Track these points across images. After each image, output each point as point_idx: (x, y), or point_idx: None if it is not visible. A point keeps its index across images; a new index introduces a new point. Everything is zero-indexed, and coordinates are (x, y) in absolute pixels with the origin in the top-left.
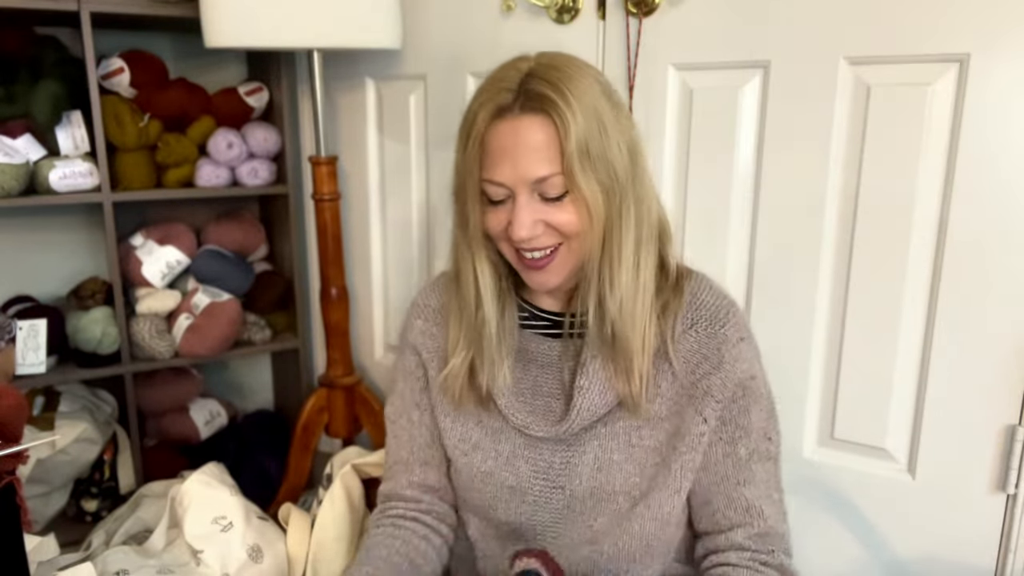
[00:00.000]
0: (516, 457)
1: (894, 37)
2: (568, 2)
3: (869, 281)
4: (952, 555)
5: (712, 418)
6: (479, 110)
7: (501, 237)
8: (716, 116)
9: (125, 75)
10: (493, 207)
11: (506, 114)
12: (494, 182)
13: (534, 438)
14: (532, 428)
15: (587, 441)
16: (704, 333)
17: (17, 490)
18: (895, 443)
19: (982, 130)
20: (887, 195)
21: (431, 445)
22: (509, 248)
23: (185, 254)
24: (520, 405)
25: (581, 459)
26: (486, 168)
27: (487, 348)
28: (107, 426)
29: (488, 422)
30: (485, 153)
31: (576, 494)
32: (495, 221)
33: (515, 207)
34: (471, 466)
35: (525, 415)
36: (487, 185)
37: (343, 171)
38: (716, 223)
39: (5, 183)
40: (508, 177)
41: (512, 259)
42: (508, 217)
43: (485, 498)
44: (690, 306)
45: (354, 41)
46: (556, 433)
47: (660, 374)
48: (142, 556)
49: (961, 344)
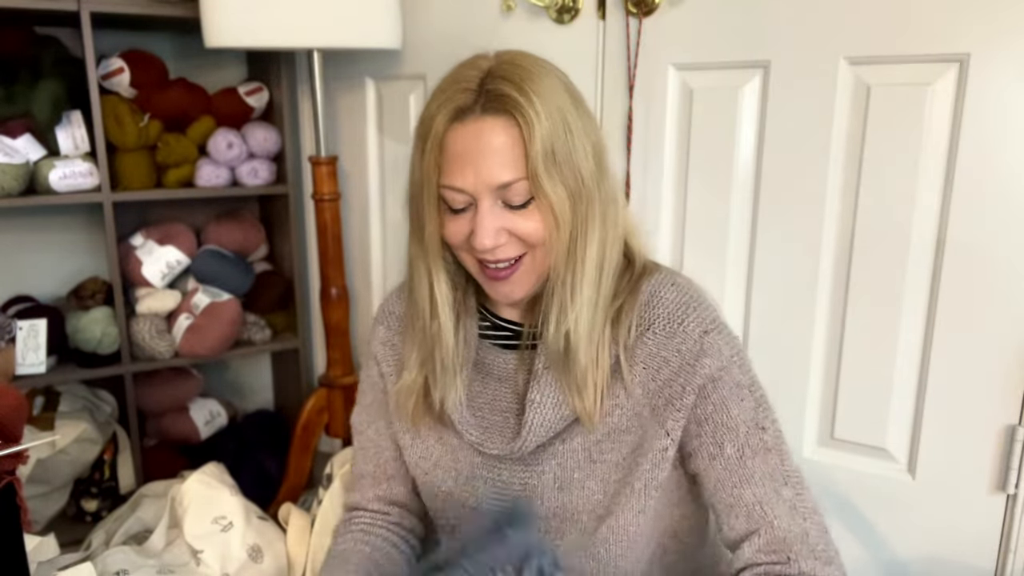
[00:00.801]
0: (474, 478)
1: (894, 37)
2: (568, 2)
3: (869, 281)
4: (952, 555)
5: (676, 430)
6: (437, 112)
7: (462, 247)
8: (716, 116)
9: (125, 75)
10: (453, 215)
11: (466, 116)
12: (454, 188)
13: (491, 456)
14: (487, 446)
15: (545, 460)
16: (662, 334)
17: (17, 490)
18: (895, 443)
19: (982, 130)
20: (887, 195)
21: (397, 459)
22: (470, 258)
23: (185, 254)
24: (475, 421)
25: (540, 479)
26: (445, 174)
27: (440, 362)
28: (107, 426)
29: (448, 439)
30: (444, 158)
31: (539, 515)
32: (455, 230)
33: (477, 215)
34: (432, 485)
35: (479, 432)
36: (447, 192)
37: (343, 171)
38: (716, 223)
39: (5, 183)
40: (470, 183)
41: (474, 270)
42: (470, 226)
43: (448, 518)
44: (647, 307)
45: (354, 41)
46: (511, 451)
47: (616, 384)
48: (142, 556)
49: (961, 344)
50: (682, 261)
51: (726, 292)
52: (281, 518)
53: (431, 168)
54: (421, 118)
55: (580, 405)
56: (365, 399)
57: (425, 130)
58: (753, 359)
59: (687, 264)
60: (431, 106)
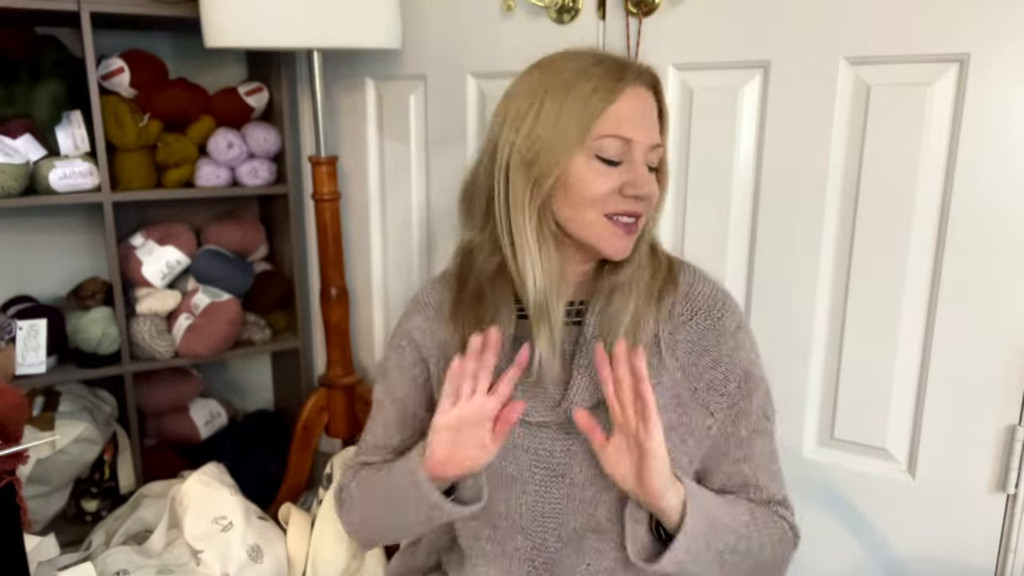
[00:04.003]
0: (516, 447)
1: (894, 37)
2: (568, 2)
3: (869, 281)
4: (952, 555)
5: (719, 411)
6: (592, 70)
7: (607, 197)
8: (716, 116)
9: (125, 75)
10: (606, 167)
11: (626, 79)
12: (622, 138)
13: (533, 425)
14: (530, 414)
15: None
16: (703, 325)
17: (17, 490)
18: (895, 443)
19: (982, 130)
20: (887, 195)
21: (416, 437)
22: (598, 214)
23: (185, 254)
24: (519, 392)
25: (583, 446)
26: (614, 125)
27: (534, 306)
28: (107, 426)
29: None
30: (609, 112)
31: (576, 482)
32: (603, 180)
33: (637, 166)
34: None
35: (525, 401)
36: (611, 141)
37: (343, 171)
38: (716, 223)
39: (5, 183)
40: (639, 136)
41: (600, 225)
42: (620, 178)
43: (490, 491)
44: (687, 297)
45: (354, 41)
46: (555, 416)
47: (660, 364)
48: (142, 556)
49: (961, 344)
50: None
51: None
52: (281, 518)
53: (589, 118)
54: (558, 75)
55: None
56: (390, 377)
57: (581, 84)
58: None
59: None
60: (568, 67)
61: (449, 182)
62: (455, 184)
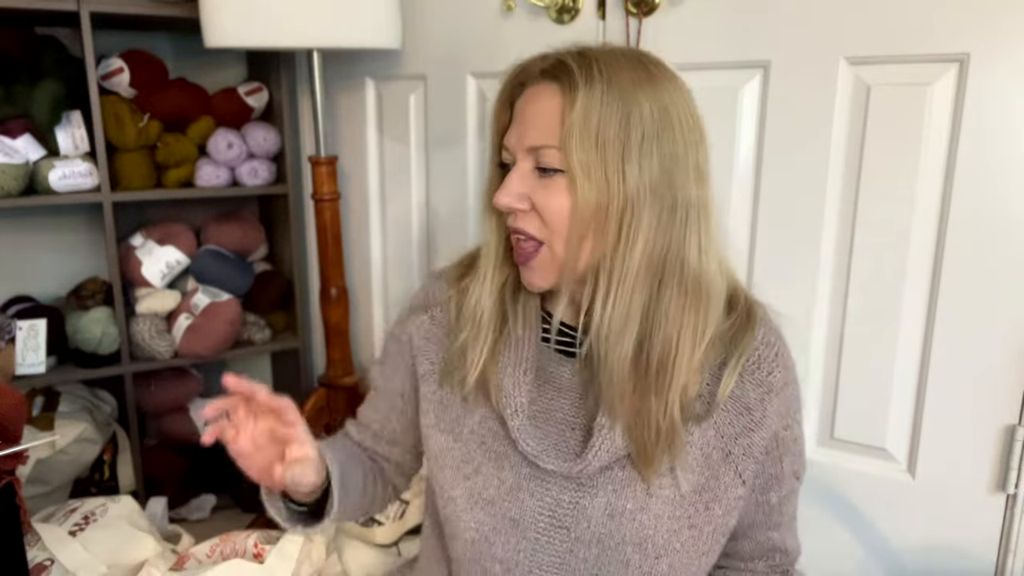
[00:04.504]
0: (520, 489)
1: (894, 37)
2: (568, 2)
3: (869, 281)
4: (952, 555)
5: (751, 477)
6: (509, 75)
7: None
8: (716, 116)
9: (125, 75)
10: (500, 174)
11: (530, 80)
12: (502, 145)
13: (542, 470)
14: (542, 459)
15: (601, 484)
16: (751, 380)
17: (17, 490)
18: (895, 443)
19: (982, 130)
20: (887, 195)
21: (407, 431)
22: (508, 238)
23: (185, 254)
24: (533, 432)
25: (592, 502)
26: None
27: (475, 326)
28: (107, 426)
29: (492, 445)
30: (513, 115)
31: (582, 538)
32: (494, 190)
33: (509, 174)
34: (472, 492)
35: (536, 443)
36: (502, 150)
37: (343, 171)
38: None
39: (5, 183)
40: (513, 141)
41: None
42: None
43: (483, 531)
44: (756, 351)
45: (354, 41)
46: (568, 470)
47: (690, 420)
48: None
49: (961, 344)
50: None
51: None
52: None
53: (495, 124)
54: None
55: (640, 450)
56: (388, 362)
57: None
58: None
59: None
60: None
61: (449, 182)
62: (455, 184)
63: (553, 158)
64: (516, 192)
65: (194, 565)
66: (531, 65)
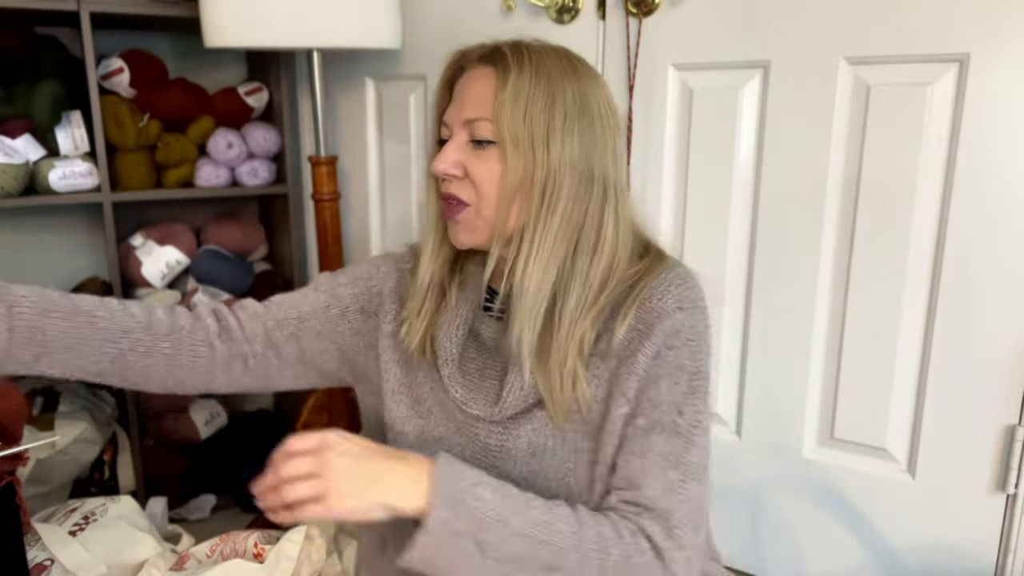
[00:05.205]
0: (458, 432)
1: (894, 37)
2: (568, 2)
3: (869, 281)
4: (952, 555)
5: (632, 397)
6: (449, 61)
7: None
8: (716, 116)
9: (125, 75)
10: (438, 148)
11: (468, 64)
12: (443, 122)
13: (471, 415)
14: (469, 405)
15: (522, 425)
16: (644, 308)
17: (17, 490)
18: (895, 443)
19: (981, 130)
20: (887, 195)
21: (313, 341)
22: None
23: (185, 254)
24: (463, 381)
25: (515, 443)
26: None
27: (419, 287)
28: (107, 426)
29: (436, 393)
30: (448, 99)
31: (511, 477)
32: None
33: (446, 144)
34: (424, 430)
35: (464, 391)
36: (442, 127)
37: (343, 171)
38: (716, 223)
39: (5, 183)
40: (451, 116)
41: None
42: None
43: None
44: (642, 306)
45: (354, 41)
46: (491, 415)
47: (595, 357)
48: None
49: (961, 344)
50: (681, 260)
51: (726, 292)
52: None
53: (437, 104)
54: None
55: (546, 390)
56: (339, 276)
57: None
58: (753, 360)
59: (686, 263)
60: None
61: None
62: None
63: (486, 130)
64: (452, 160)
65: (194, 565)
66: (471, 52)
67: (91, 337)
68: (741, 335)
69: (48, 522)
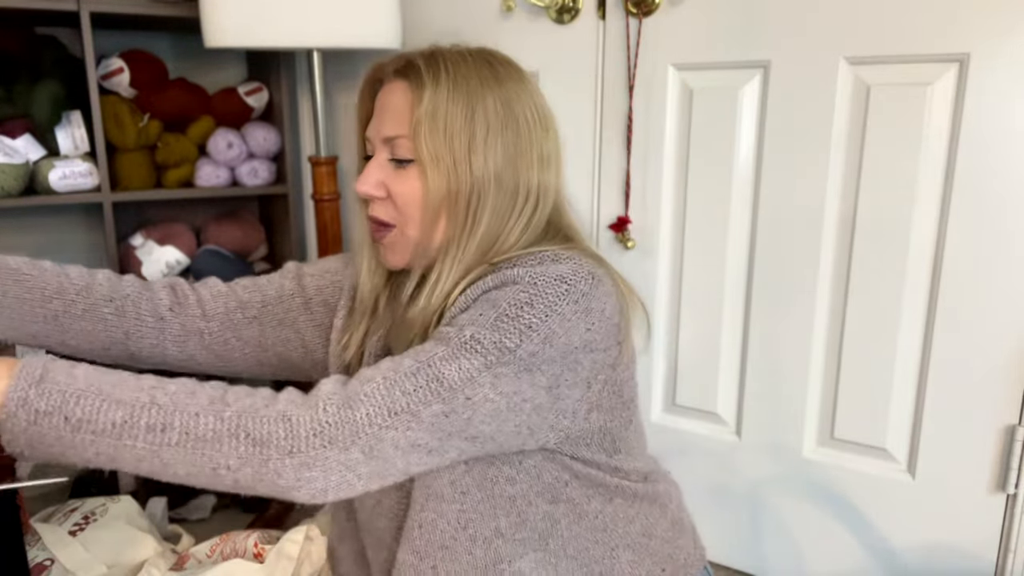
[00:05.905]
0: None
1: (894, 37)
2: (568, 2)
3: (869, 281)
4: (952, 555)
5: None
6: (369, 73)
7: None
8: (716, 116)
9: (125, 75)
10: (364, 164)
11: (385, 79)
12: (367, 137)
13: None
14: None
15: None
16: (495, 278)
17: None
18: (895, 443)
19: (981, 130)
20: (887, 195)
21: (274, 328)
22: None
23: (185, 254)
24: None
25: None
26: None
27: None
28: None
29: None
30: (370, 112)
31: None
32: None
33: (367, 164)
34: None
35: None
36: (366, 142)
37: (343, 171)
38: (716, 223)
39: (5, 183)
40: (372, 132)
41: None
42: None
43: None
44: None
45: (354, 41)
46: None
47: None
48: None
49: (961, 344)
50: (681, 261)
51: (726, 292)
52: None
53: (359, 118)
54: None
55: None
56: (314, 266)
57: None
58: (754, 360)
59: (686, 264)
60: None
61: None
62: None
63: (406, 149)
64: (374, 180)
65: (194, 565)
66: (386, 64)
67: (18, 295)
68: (741, 335)
69: (48, 522)
